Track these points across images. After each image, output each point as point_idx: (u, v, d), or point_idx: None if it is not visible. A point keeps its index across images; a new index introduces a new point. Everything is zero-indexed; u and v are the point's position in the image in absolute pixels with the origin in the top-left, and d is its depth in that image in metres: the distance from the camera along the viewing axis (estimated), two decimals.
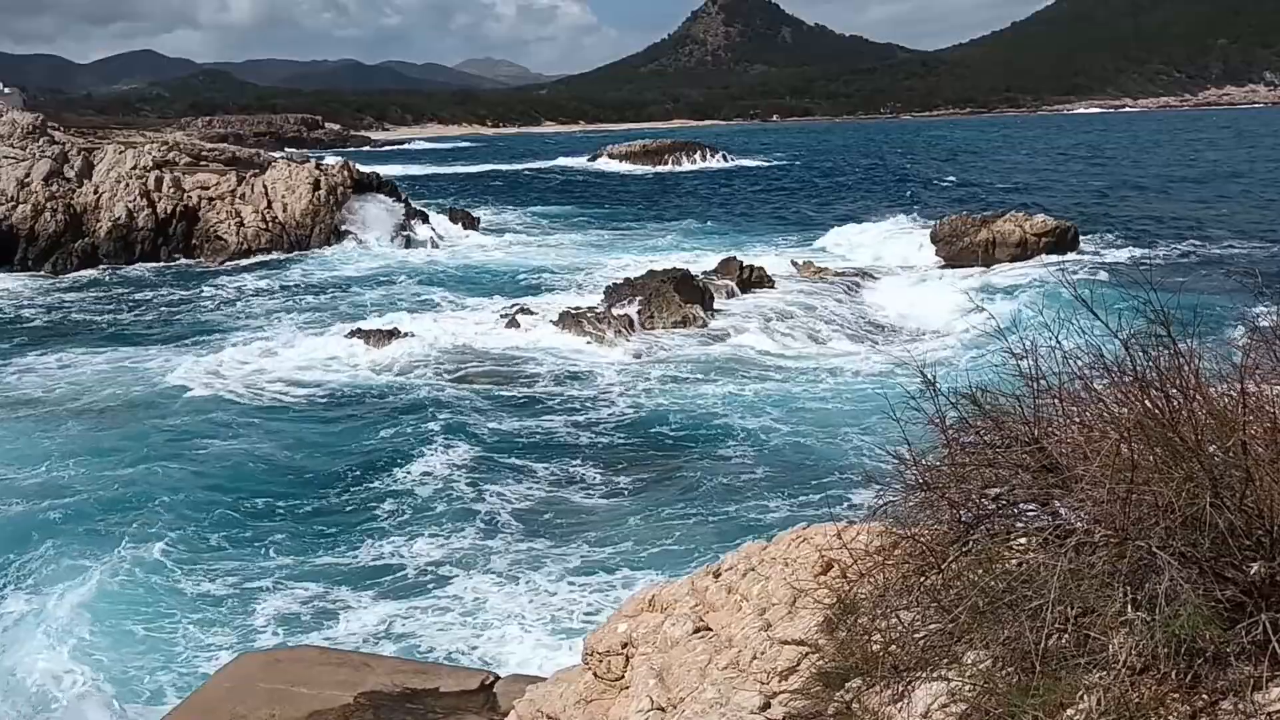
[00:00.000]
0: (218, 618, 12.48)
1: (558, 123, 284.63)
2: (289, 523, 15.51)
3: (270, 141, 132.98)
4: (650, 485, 16.83)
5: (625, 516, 15.50)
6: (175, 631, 12.19)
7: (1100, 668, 2.97)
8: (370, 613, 12.57)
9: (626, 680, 5.20)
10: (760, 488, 16.33)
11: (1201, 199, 56.02)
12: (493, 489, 16.62)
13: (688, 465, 17.74)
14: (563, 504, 16.12)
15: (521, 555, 14.09)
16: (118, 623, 12.25)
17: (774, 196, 69.21)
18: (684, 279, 29.30)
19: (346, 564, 14.06)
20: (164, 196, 45.41)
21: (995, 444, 3.71)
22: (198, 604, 12.84)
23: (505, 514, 15.60)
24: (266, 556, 14.24)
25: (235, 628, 12.25)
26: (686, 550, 13.97)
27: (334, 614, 12.57)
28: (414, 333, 26.72)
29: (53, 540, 14.51)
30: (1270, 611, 2.87)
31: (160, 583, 13.35)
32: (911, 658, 3.47)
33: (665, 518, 15.35)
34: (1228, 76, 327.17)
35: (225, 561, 14.07)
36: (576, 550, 14.26)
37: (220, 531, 15.01)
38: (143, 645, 11.87)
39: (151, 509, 15.61)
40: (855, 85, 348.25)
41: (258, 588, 13.26)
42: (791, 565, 4.90)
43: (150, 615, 12.51)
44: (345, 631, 12.10)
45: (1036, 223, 36.19)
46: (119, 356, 26.52)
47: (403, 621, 12.35)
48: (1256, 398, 3.34)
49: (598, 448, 18.83)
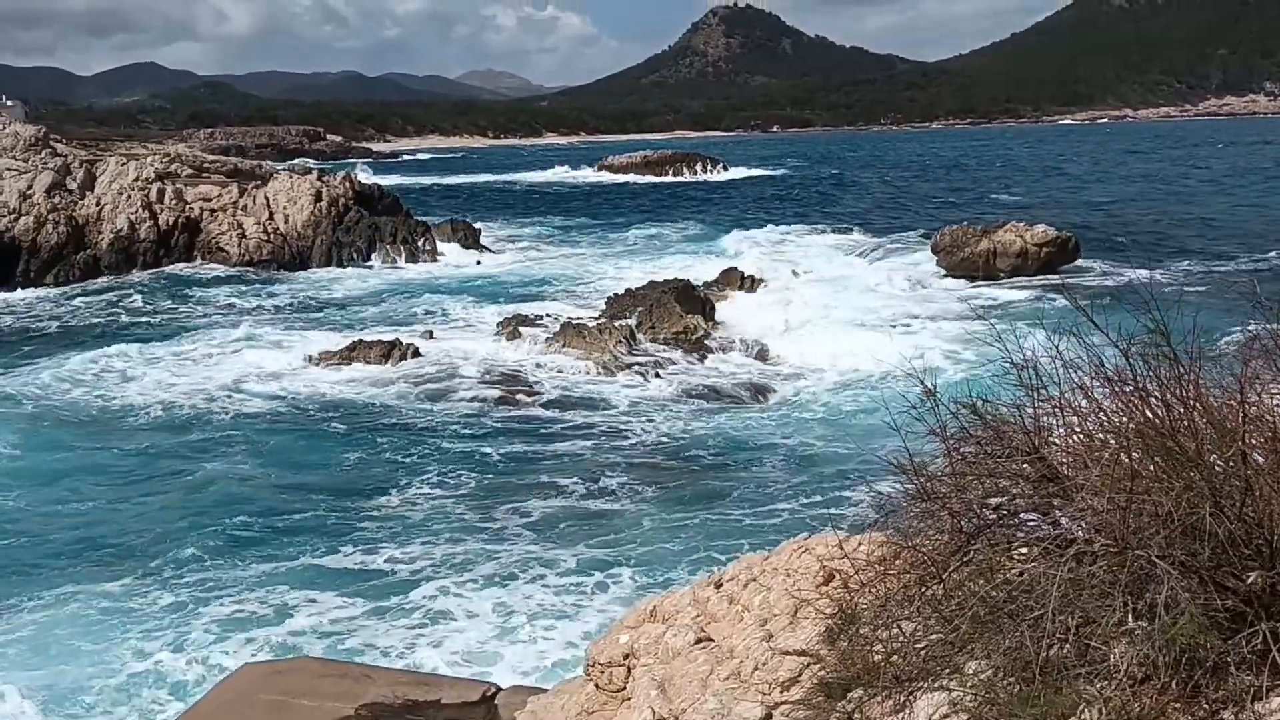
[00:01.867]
0: (221, 633, 12.47)
1: (559, 134, 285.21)
2: (271, 534, 15.47)
3: (272, 153, 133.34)
4: (651, 492, 16.83)
5: (628, 524, 15.51)
6: (160, 646, 12.17)
7: (1101, 678, 2.98)
8: (366, 625, 12.55)
9: (628, 691, 5.20)
10: (762, 496, 16.32)
11: (1203, 208, 56.11)
12: (494, 502, 16.62)
13: (686, 473, 17.76)
14: (566, 513, 16.10)
15: (519, 564, 14.08)
16: (70, 644, 12.21)
17: (774, 206, 69.42)
18: (685, 289, 29.34)
19: (337, 571, 14.06)
20: (166, 208, 45.52)
21: (996, 454, 3.72)
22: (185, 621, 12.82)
23: (511, 526, 15.59)
24: (253, 566, 14.23)
25: (235, 642, 12.23)
26: (689, 557, 13.97)
27: (332, 628, 12.55)
28: (414, 344, 26.72)
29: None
30: (1270, 621, 2.87)
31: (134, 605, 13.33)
32: (913, 668, 3.48)
33: (668, 526, 15.34)
34: (1227, 86, 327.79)
35: (210, 575, 14.07)
36: (576, 556, 14.26)
37: (197, 550, 14.97)
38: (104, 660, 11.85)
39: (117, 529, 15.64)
40: (856, 96, 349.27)
41: (257, 598, 13.25)
42: (793, 575, 4.90)
43: (110, 635, 12.46)
44: (344, 643, 12.09)
45: (1037, 233, 36.17)
46: (107, 365, 26.51)
47: (400, 633, 12.33)
48: (1257, 407, 3.35)
49: (600, 459, 18.82)
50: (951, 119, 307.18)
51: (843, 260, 40.75)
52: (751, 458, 18.42)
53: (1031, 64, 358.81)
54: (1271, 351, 3.60)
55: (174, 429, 21.14)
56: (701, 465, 18.29)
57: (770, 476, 17.36)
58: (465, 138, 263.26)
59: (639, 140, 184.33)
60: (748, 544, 12.63)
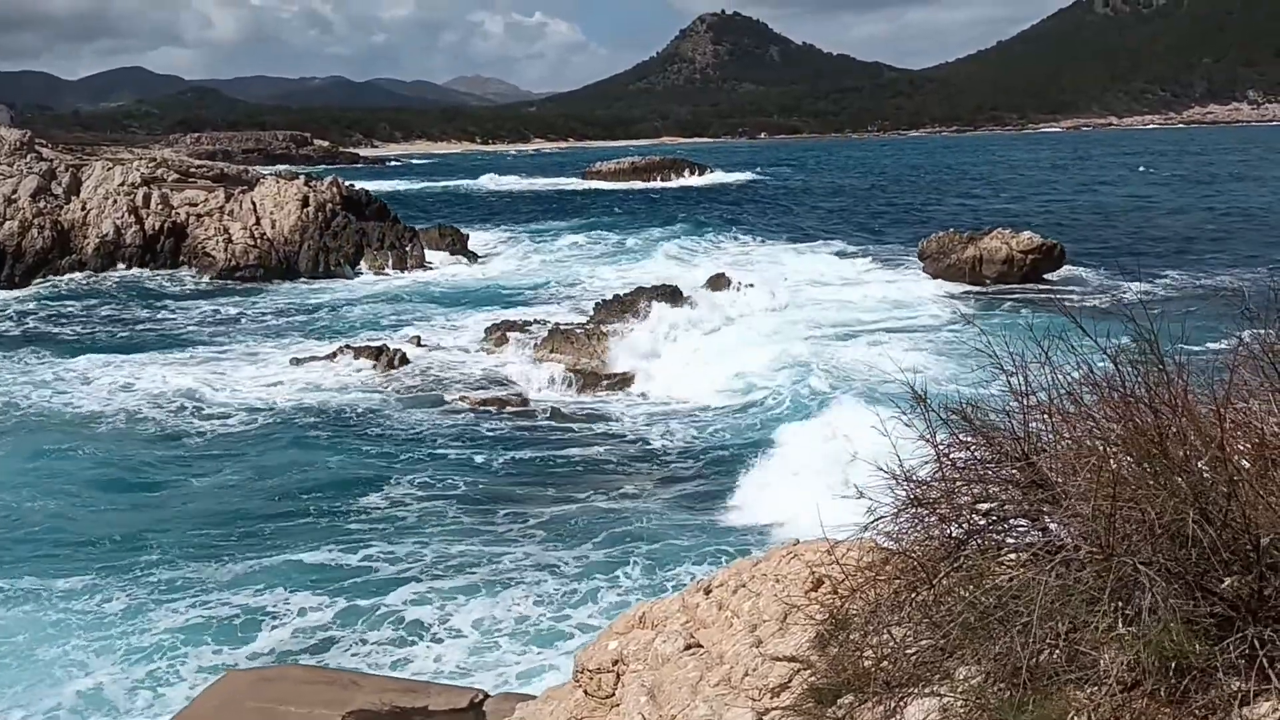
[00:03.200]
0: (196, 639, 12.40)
1: (547, 139, 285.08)
2: (250, 539, 15.40)
3: (259, 158, 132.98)
4: (647, 495, 16.86)
5: (631, 522, 15.54)
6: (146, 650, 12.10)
7: (1090, 684, 2.99)
8: (350, 631, 12.51)
9: (617, 698, 5.19)
10: (751, 498, 16.32)
11: (1188, 216, 56.49)
12: (485, 506, 16.60)
13: (683, 478, 17.78)
14: (560, 516, 16.09)
15: (516, 569, 14.05)
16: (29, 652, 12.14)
17: (760, 209, 69.64)
18: (672, 294, 29.38)
19: (315, 573, 14.01)
20: (152, 213, 45.35)
21: (985, 460, 3.73)
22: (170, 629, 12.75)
23: (502, 529, 15.57)
24: (229, 568, 14.18)
25: (224, 646, 12.17)
26: (676, 560, 13.98)
27: (321, 634, 12.50)
28: (401, 350, 26.66)
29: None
30: (1257, 626, 2.88)
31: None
32: (903, 674, 3.48)
33: (656, 527, 15.36)
34: (1212, 95, 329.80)
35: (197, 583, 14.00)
36: (578, 562, 14.26)
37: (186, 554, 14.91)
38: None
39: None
40: (843, 103, 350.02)
41: (255, 606, 13.19)
42: (782, 581, 4.91)
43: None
44: (329, 650, 12.04)
45: (1023, 239, 36.34)
46: (80, 371, 26.39)
47: (388, 640, 12.29)
48: (1243, 413, 3.38)
49: (593, 461, 18.84)
50: (938, 126, 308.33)
51: (830, 265, 40.86)
52: (748, 457, 18.41)
53: (1017, 72, 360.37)
54: (1258, 358, 3.63)
55: (153, 436, 20.99)
56: (693, 466, 18.30)
57: (764, 475, 17.35)
58: (454, 143, 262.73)
59: (627, 146, 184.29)
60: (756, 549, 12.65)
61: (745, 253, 46.68)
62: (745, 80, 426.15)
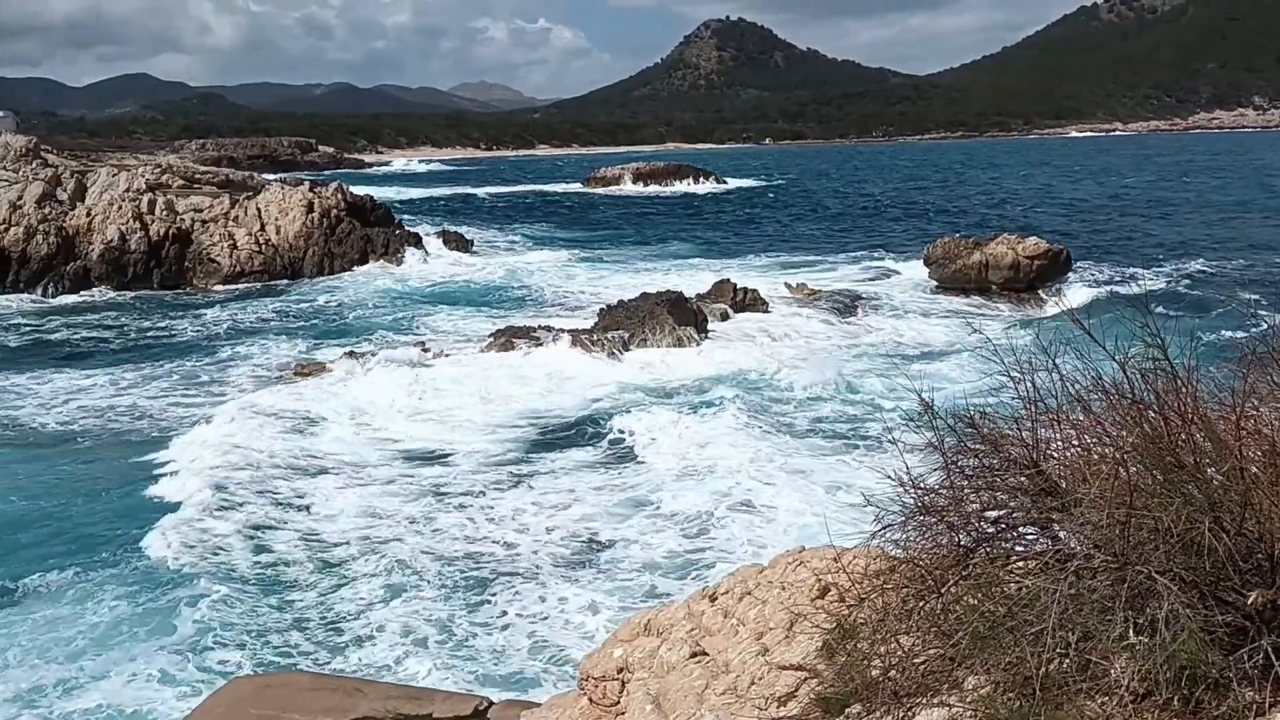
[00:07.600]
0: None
1: (551, 145, 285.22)
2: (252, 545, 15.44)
3: (264, 164, 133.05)
4: (645, 499, 16.82)
5: (622, 525, 15.49)
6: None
7: (1102, 694, 2.95)
8: (357, 644, 12.50)
9: (622, 706, 5.16)
10: (756, 508, 16.28)
11: (1195, 221, 56.39)
12: (491, 511, 16.58)
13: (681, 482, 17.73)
14: (571, 525, 16.07)
15: (521, 575, 14.03)
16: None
17: (765, 216, 69.64)
18: (677, 301, 29.32)
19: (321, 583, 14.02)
20: (157, 219, 45.39)
21: (994, 467, 3.70)
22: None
23: (522, 540, 15.55)
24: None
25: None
26: (681, 567, 13.95)
27: (325, 646, 12.50)
28: (407, 356, 26.65)
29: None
30: (1272, 637, 2.85)
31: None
32: (912, 683, 3.45)
33: (656, 530, 15.33)
34: (1217, 100, 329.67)
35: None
36: (586, 570, 14.23)
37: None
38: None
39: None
40: (847, 109, 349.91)
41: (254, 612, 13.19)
42: (788, 589, 4.87)
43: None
44: (335, 660, 12.03)
45: (1029, 245, 36.26)
46: (110, 386, 26.42)
47: (391, 652, 12.28)
48: (1255, 421, 3.34)
49: (588, 463, 18.81)
50: (943, 132, 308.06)
51: (834, 273, 40.85)
52: (748, 466, 18.35)
53: (1022, 78, 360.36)
54: (1269, 364, 3.59)
55: (146, 443, 20.99)
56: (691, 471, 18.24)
57: (767, 485, 17.32)
58: (458, 149, 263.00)
59: (631, 153, 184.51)
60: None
61: (747, 263, 46.67)
62: (750, 86, 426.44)
